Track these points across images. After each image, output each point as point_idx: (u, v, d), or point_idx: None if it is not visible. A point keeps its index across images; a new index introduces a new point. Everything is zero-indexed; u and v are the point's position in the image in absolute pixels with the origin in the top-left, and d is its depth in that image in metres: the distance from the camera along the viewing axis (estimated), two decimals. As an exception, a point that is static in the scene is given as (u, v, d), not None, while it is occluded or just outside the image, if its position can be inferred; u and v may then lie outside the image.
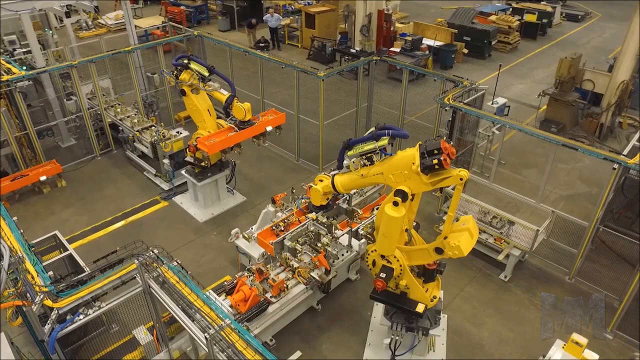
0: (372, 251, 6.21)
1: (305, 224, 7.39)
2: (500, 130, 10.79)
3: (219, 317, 4.15)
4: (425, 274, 6.42)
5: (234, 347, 3.83)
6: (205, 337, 3.91)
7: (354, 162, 5.90)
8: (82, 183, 11.24)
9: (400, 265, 6.00)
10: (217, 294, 7.04)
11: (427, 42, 17.70)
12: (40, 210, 10.32)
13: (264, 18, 20.28)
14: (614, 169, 7.02)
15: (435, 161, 4.92)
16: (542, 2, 23.87)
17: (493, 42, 19.01)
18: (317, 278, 7.41)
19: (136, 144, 11.37)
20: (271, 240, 7.13)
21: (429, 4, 27.60)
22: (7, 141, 10.45)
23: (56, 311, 4.43)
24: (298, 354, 6.60)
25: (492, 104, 10.71)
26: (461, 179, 5.01)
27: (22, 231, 5.77)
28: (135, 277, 4.80)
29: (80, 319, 4.55)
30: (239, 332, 4.10)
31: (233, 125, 8.88)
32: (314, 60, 19.08)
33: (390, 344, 6.55)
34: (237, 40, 21.33)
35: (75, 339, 7.37)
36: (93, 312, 4.65)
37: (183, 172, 10.16)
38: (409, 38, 17.35)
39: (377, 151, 5.64)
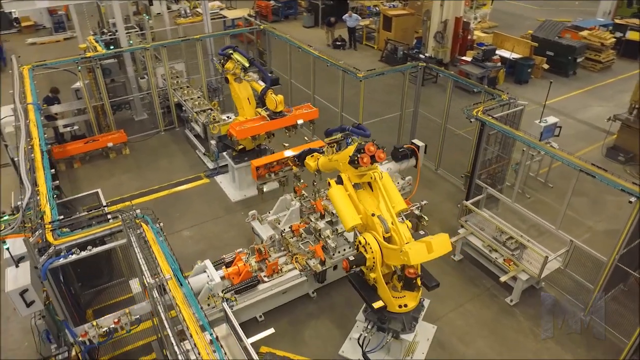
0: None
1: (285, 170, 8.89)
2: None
3: (161, 271, 4.73)
4: (405, 280, 6.48)
5: (170, 294, 4.44)
6: (147, 283, 4.54)
7: (328, 148, 6.77)
8: (143, 153, 12.62)
9: (374, 258, 6.15)
10: (216, 265, 7.67)
11: (502, 53, 17.01)
12: (104, 173, 11.81)
13: (343, 17, 20.76)
14: (630, 202, 6.48)
15: (356, 158, 5.88)
16: (654, 20, 21.53)
17: (579, 59, 17.67)
18: (312, 267, 7.78)
19: (193, 123, 12.50)
20: (262, 170, 8.71)
21: (525, 14, 26.21)
22: (87, 109, 12.09)
23: (53, 247, 5.33)
24: (271, 330, 7.02)
25: (539, 122, 10.14)
26: (372, 177, 5.95)
27: (57, 182, 6.87)
28: (122, 231, 5.57)
29: (71, 258, 5.40)
30: (182, 287, 4.68)
31: (265, 115, 9.48)
32: (386, 62, 19.16)
33: (359, 339, 6.72)
34: (317, 38, 22.17)
35: (101, 282, 8.55)
36: (85, 253, 5.47)
37: (224, 153, 11.01)
38: (484, 48, 16.76)
39: (342, 141, 6.48)
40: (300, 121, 9.65)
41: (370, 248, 6.16)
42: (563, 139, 12.68)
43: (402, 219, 6.50)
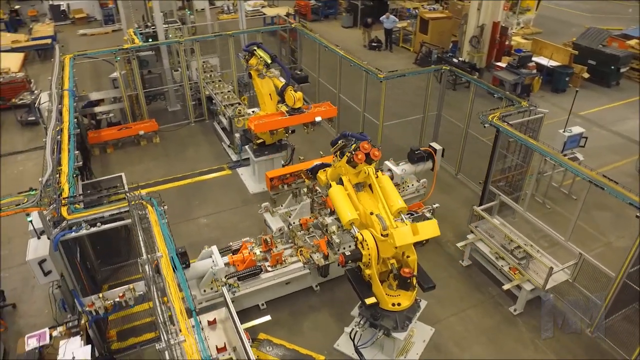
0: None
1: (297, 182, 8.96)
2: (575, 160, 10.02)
3: (158, 250, 5.05)
4: (400, 279, 6.56)
5: (161, 270, 4.77)
6: (139, 261, 4.88)
7: (334, 158, 6.90)
8: (172, 142, 13.19)
9: (369, 255, 6.27)
10: (223, 252, 7.97)
11: (540, 60, 16.53)
12: (134, 159, 12.45)
13: (380, 19, 20.78)
14: (637, 217, 6.28)
15: (350, 155, 6.25)
16: None
17: (623, 70, 16.91)
18: (315, 260, 7.97)
19: (220, 116, 12.95)
20: (275, 181, 8.94)
21: (572, 21, 25.25)
22: (122, 98, 12.78)
23: (66, 221, 5.79)
24: (267, 317, 7.28)
25: (563, 131, 9.89)
26: (366, 172, 6.35)
27: (80, 163, 7.40)
28: (129, 211, 5.96)
29: (81, 232, 5.85)
30: (173, 265, 4.99)
31: (284, 111, 9.73)
32: (420, 65, 19.02)
33: (350, 333, 6.87)
34: (354, 38, 22.27)
35: (119, 261, 9.08)
36: (95, 229, 5.91)
37: (247, 146, 11.36)
38: (520, 55, 16.34)
39: (345, 147, 6.63)
40: (318, 118, 9.83)
41: (367, 244, 6.30)
42: (595, 151, 12.33)
43: (402, 218, 6.57)
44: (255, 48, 9.82)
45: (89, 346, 6.38)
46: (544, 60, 16.57)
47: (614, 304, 7.43)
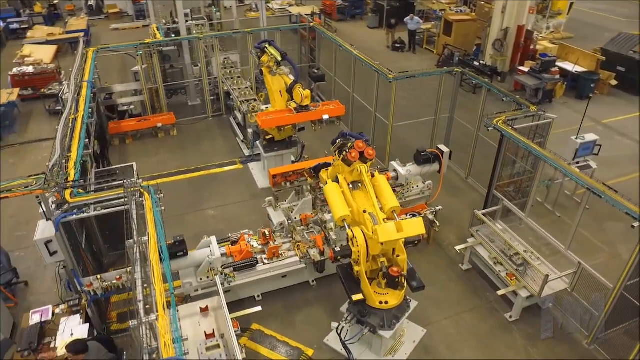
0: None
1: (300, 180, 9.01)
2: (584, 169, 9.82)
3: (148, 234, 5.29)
4: (388, 278, 6.61)
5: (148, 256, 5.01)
6: (127, 244, 5.14)
7: (335, 158, 7.02)
8: (188, 135, 13.57)
9: (358, 252, 6.36)
10: (221, 242, 8.18)
11: (564, 66, 16.12)
12: (150, 150, 12.87)
13: (404, 20, 20.69)
14: (633, 227, 6.12)
15: (345, 153, 6.37)
16: None
17: (654, 77, 16.30)
18: (311, 256, 8.09)
19: (236, 112, 13.23)
20: (278, 178, 8.88)
21: (607, 26, 24.42)
22: (143, 91, 13.23)
23: (68, 204, 6.12)
24: (258, 308, 7.45)
25: (575, 138, 9.65)
26: (359, 170, 6.47)
27: (90, 151, 7.76)
28: (126, 197, 6.24)
29: (82, 215, 6.17)
30: (161, 252, 5.22)
31: (292, 108, 9.89)
32: (441, 67, 18.84)
33: (337, 328, 6.96)
34: (378, 39, 22.25)
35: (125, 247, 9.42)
36: (94, 212, 6.23)
37: (257, 142, 11.59)
38: (546, 59, 15.99)
39: (344, 146, 6.66)
40: (325, 116, 9.93)
41: (357, 242, 6.38)
42: (614, 160, 12.03)
43: (396, 218, 6.62)
44: (267, 45, 10.00)
45: (87, 324, 6.74)
46: (569, 66, 16.16)
47: (613, 317, 7.25)
